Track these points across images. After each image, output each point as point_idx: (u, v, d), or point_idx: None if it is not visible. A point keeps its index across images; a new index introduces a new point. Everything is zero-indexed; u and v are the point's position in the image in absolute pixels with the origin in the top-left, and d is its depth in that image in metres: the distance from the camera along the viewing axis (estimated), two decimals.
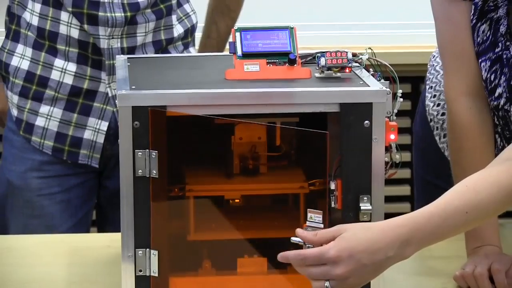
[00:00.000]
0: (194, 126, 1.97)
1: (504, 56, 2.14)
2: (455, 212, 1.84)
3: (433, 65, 2.45)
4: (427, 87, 2.45)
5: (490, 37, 2.15)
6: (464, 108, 2.19)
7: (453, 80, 2.21)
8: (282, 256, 1.80)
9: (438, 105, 2.42)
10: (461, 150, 2.21)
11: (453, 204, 1.84)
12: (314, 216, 1.85)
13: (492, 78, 2.16)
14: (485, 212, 1.90)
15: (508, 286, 2.09)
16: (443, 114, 2.40)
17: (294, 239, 1.84)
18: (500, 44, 2.14)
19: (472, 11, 2.15)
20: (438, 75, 2.42)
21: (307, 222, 1.86)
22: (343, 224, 1.80)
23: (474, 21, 2.16)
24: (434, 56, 2.45)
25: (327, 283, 1.76)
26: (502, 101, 2.16)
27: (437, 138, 2.43)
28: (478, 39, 2.16)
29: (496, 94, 2.17)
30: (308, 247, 1.79)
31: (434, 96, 2.43)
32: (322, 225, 1.85)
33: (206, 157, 2.05)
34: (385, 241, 1.77)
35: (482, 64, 2.16)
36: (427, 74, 2.46)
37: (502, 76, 2.15)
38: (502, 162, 1.92)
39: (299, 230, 1.81)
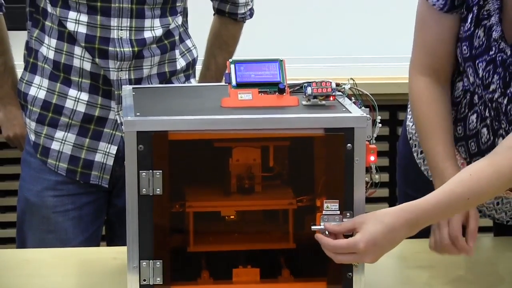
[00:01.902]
0: (194, 148, 1.96)
1: (498, 58, 2.14)
2: (458, 199, 1.96)
3: None
4: (408, 109, 2.45)
5: (485, 42, 2.16)
6: (422, 85, 2.28)
7: (418, 64, 2.30)
8: (317, 237, 1.91)
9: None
10: (420, 115, 2.29)
11: (456, 192, 1.96)
12: (331, 205, 1.92)
13: (487, 76, 2.17)
14: (484, 197, 2.05)
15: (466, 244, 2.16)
16: (415, 130, 2.42)
17: (315, 227, 1.92)
18: (494, 48, 2.15)
19: (469, 20, 2.17)
20: None
21: (324, 211, 1.92)
22: (360, 216, 1.91)
23: (472, 28, 2.17)
24: None
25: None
26: (496, 95, 2.18)
27: (415, 154, 2.43)
28: (475, 43, 2.17)
29: (491, 89, 2.18)
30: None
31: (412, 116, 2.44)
32: (338, 212, 1.92)
33: (205, 177, 2.04)
34: (399, 227, 1.90)
35: (479, 64, 2.17)
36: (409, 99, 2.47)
37: (496, 74, 2.16)
38: (505, 151, 2.01)
39: (325, 223, 1.92)
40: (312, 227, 1.93)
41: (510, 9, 2.14)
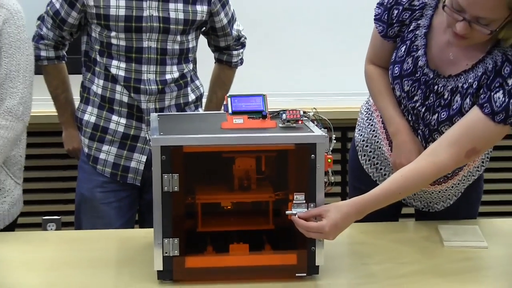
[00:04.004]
0: (201, 158, 1.94)
1: (422, 79, 2.14)
2: (392, 194, 1.99)
3: (361, 111, 2.45)
4: (357, 124, 2.45)
5: (412, 67, 2.15)
6: (372, 68, 2.29)
7: (369, 57, 2.31)
8: (294, 219, 1.91)
9: (360, 135, 2.41)
10: (372, 85, 2.30)
11: (390, 189, 1.99)
12: (299, 197, 1.92)
13: (412, 90, 2.16)
14: (412, 192, 2.11)
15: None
16: (362, 141, 2.40)
17: (288, 212, 1.92)
18: (419, 72, 2.14)
19: (403, 50, 2.17)
20: (362, 120, 2.43)
21: (294, 202, 1.92)
22: (325, 205, 1.91)
23: (404, 56, 2.17)
24: (361, 110, 2.46)
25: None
26: (417, 104, 2.17)
27: (359, 157, 2.41)
28: (405, 67, 2.16)
29: (414, 100, 2.17)
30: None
31: (359, 130, 2.43)
32: (304, 202, 1.92)
33: (210, 178, 2.03)
34: (352, 214, 1.93)
35: (405, 82, 2.17)
36: (358, 119, 2.46)
37: (419, 90, 2.15)
38: (425, 158, 2.02)
39: (297, 211, 1.92)
40: (286, 212, 1.93)
41: (433, 46, 2.14)
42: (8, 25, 2.23)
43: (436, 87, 2.13)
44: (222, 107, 2.05)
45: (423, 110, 2.16)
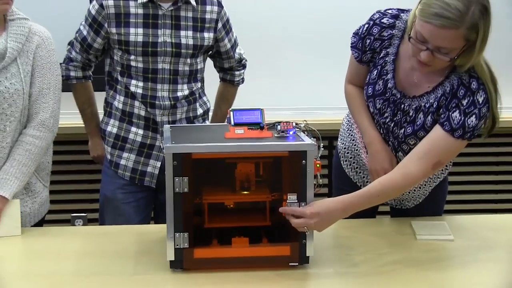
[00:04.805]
0: (207, 163, 1.94)
1: (391, 99, 2.15)
2: (371, 196, 1.98)
3: (343, 123, 2.45)
4: (339, 134, 2.45)
5: (383, 88, 2.16)
6: (350, 87, 2.29)
7: (348, 78, 2.31)
8: (283, 209, 1.91)
9: (342, 143, 2.41)
10: (351, 102, 2.29)
11: (370, 192, 1.98)
12: (291, 197, 1.91)
13: (383, 108, 2.17)
14: (389, 197, 2.05)
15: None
16: (344, 148, 2.40)
17: (281, 209, 1.92)
18: (388, 92, 2.15)
19: (375, 73, 2.18)
20: (343, 131, 2.43)
21: (288, 201, 1.91)
22: (314, 201, 1.91)
23: (376, 78, 2.18)
24: (343, 122, 2.46)
25: (305, 229, 1.90)
26: (387, 120, 2.18)
27: (341, 162, 2.42)
28: (377, 88, 2.17)
29: (384, 116, 2.18)
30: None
31: (341, 139, 2.43)
32: (296, 201, 1.91)
33: (215, 181, 2.03)
34: (334, 210, 1.92)
35: (377, 101, 2.18)
36: (340, 129, 2.47)
37: (389, 108, 2.16)
38: (398, 170, 2.02)
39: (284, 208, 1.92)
40: (280, 209, 1.92)
41: (400, 71, 2.15)
42: (40, 49, 2.24)
43: (402, 105, 2.14)
44: (226, 120, 2.04)
45: (392, 125, 2.17)
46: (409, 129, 2.13)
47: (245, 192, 2.01)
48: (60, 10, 3.14)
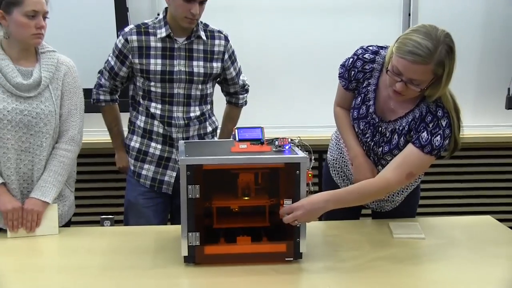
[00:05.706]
0: (216, 173, 1.94)
1: (372, 122, 2.15)
2: (352, 193, 1.97)
3: (332, 139, 2.45)
4: (329, 148, 2.45)
5: (365, 112, 2.16)
6: (339, 109, 2.28)
7: (336, 102, 2.29)
8: (281, 211, 1.90)
9: (331, 156, 2.41)
10: (339, 122, 2.28)
11: (351, 188, 1.98)
12: (287, 202, 1.91)
13: (365, 129, 2.17)
14: (368, 198, 2.03)
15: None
16: (333, 160, 2.40)
17: (281, 211, 1.91)
18: (369, 116, 2.15)
19: (359, 100, 2.18)
20: (332, 145, 2.43)
21: (284, 205, 1.91)
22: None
23: (360, 104, 2.18)
24: (332, 137, 2.46)
25: (296, 222, 1.89)
26: (368, 140, 2.18)
27: (330, 172, 2.41)
28: (360, 112, 2.18)
29: (366, 136, 2.18)
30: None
31: (330, 152, 2.43)
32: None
33: (223, 188, 2.03)
34: (316, 200, 1.90)
35: (361, 123, 2.18)
36: (329, 144, 2.46)
37: (369, 129, 2.16)
38: (378, 176, 2.02)
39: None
40: (280, 211, 1.91)
41: (380, 98, 2.16)
42: (67, 77, 2.27)
43: (380, 128, 2.15)
44: (232, 136, 2.05)
45: (372, 144, 2.18)
46: (386, 148, 2.14)
47: (246, 198, 2.01)
48: (86, 45, 3.15)
